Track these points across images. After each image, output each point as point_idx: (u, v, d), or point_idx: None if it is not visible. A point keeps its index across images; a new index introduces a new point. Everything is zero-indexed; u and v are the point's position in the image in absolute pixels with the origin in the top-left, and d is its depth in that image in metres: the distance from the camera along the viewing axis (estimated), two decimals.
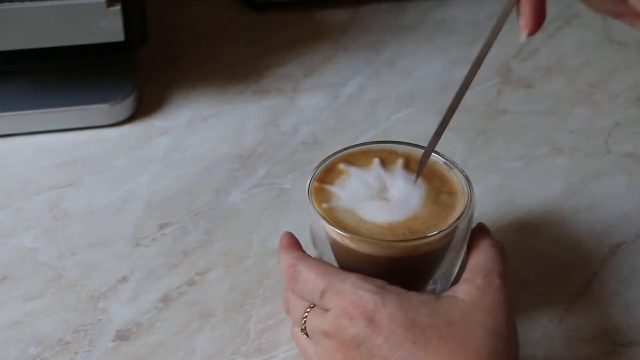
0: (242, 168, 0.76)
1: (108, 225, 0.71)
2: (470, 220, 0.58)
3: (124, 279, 0.67)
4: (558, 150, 0.79)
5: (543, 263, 0.68)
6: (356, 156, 0.61)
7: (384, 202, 0.58)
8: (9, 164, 0.76)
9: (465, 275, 0.56)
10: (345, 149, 0.62)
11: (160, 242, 0.70)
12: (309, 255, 0.58)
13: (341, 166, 0.60)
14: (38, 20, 0.72)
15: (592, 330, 0.63)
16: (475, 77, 0.59)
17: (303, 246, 0.60)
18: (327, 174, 0.60)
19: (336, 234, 0.56)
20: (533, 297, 0.66)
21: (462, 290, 0.55)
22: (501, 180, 0.76)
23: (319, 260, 0.58)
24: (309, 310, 0.57)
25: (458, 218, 0.57)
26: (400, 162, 0.61)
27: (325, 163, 0.61)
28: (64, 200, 0.73)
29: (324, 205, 0.58)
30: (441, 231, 0.56)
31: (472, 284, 0.55)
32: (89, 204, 0.73)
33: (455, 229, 0.57)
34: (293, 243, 0.60)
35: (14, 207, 0.72)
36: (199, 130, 0.80)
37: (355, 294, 0.54)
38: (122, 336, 0.63)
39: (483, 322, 0.53)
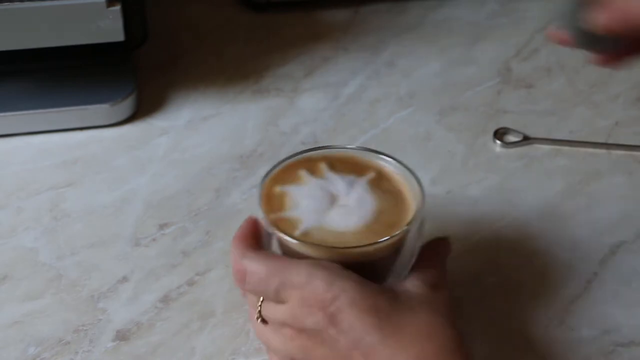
0: (242, 168, 0.76)
1: (108, 225, 0.71)
2: (421, 224, 0.58)
3: (124, 279, 0.67)
4: (558, 150, 0.79)
5: (543, 263, 0.68)
6: (303, 163, 0.60)
7: (336, 208, 0.57)
8: (9, 164, 0.76)
9: (414, 274, 0.56)
10: (291, 156, 0.61)
11: (160, 242, 0.70)
12: (255, 250, 0.56)
13: (296, 172, 0.60)
14: (38, 20, 0.72)
15: (592, 330, 0.63)
16: (476, 77, 0.59)
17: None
18: (281, 176, 0.59)
19: (286, 240, 0.56)
20: (533, 297, 0.66)
21: (414, 286, 0.55)
22: (501, 180, 0.76)
23: (265, 255, 0.56)
24: (262, 298, 0.56)
25: (409, 223, 0.56)
26: (349, 167, 0.60)
27: (277, 168, 0.59)
28: (64, 200, 0.73)
29: (276, 211, 0.57)
30: (392, 236, 0.55)
31: (422, 282, 0.55)
32: (89, 204, 0.73)
33: (407, 233, 0.56)
34: (245, 235, 0.57)
35: (14, 207, 0.72)
36: (199, 130, 0.80)
37: (311, 284, 0.52)
38: (122, 336, 0.63)
39: (440, 312, 0.53)
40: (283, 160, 0.60)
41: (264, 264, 0.55)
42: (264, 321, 0.56)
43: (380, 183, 0.60)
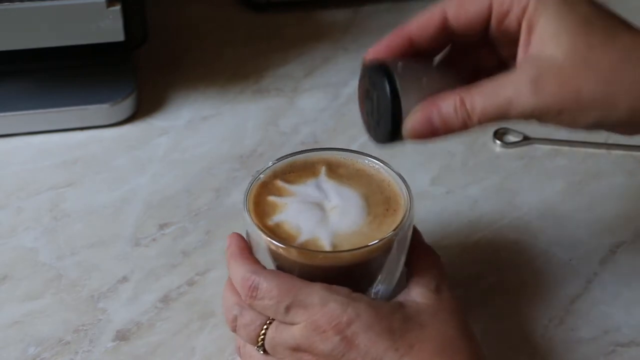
0: (242, 168, 0.76)
1: (108, 225, 0.71)
2: (409, 227, 0.58)
3: (124, 279, 0.67)
4: (558, 150, 0.79)
5: (543, 263, 0.68)
6: (265, 189, 0.59)
7: (331, 213, 0.57)
8: (9, 164, 0.76)
9: (416, 280, 0.56)
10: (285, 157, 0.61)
11: (160, 242, 0.70)
12: (263, 267, 0.56)
13: (279, 183, 0.59)
14: (38, 20, 0.72)
15: (592, 330, 0.63)
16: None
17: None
18: (261, 209, 0.58)
19: (274, 245, 0.55)
20: (533, 297, 0.66)
21: (419, 295, 0.55)
22: (501, 180, 0.76)
23: (277, 272, 0.55)
24: (266, 325, 0.55)
25: (397, 226, 0.56)
26: (300, 174, 0.60)
27: (248, 203, 0.58)
28: (64, 200, 0.73)
29: (290, 240, 0.56)
30: (381, 240, 0.55)
31: (426, 289, 0.56)
32: (89, 204, 0.73)
33: (395, 236, 0.56)
34: (243, 250, 0.57)
35: (14, 207, 0.72)
36: (199, 130, 0.80)
37: (325, 307, 0.52)
38: (122, 336, 0.63)
39: (450, 322, 0.54)
40: (248, 191, 0.59)
41: (277, 281, 0.54)
42: (265, 352, 0.55)
43: (337, 170, 0.60)
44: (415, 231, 0.60)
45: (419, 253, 0.59)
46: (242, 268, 0.55)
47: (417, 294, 0.55)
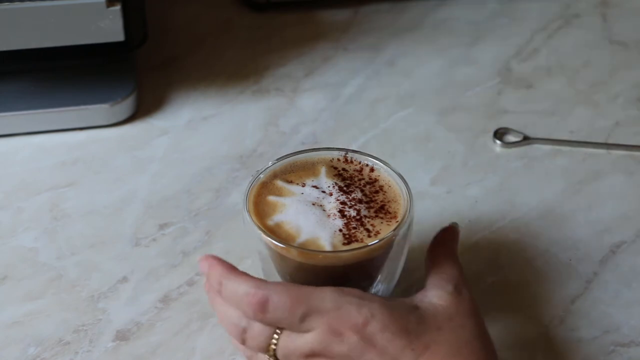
0: (242, 168, 0.76)
1: (108, 225, 0.71)
2: (409, 227, 0.58)
3: (124, 279, 0.67)
4: (558, 150, 0.79)
5: (543, 263, 0.68)
6: (265, 190, 0.59)
7: (325, 212, 0.57)
8: (9, 164, 0.76)
9: (434, 281, 0.57)
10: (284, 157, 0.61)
11: (160, 242, 0.70)
12: (264, 280, 0.55)
13: (279, 183, 0.60)
14: (38, 20, 0.72)
15: (592, 330, 0.63)
16: (476, 77, 0.59)
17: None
18: (262, 209, 0.58)
19: (274, 245, 0.56)
20: (533, 297, 0.66)
21: (437, 297, 0.56)
22: (501, 180, 0.76)
23: (284, 283, 0.55)
24: (276, 335, 0.54)
25: (397, 226, 0.56)
26: (300, 174, 0.60)
27: (249, 202, 0.58)
28: (64, 200, 0.73)
29: (290, 241, 0.56)
30: (381, 240, 0.55)
31: (444, 291, 0.56)
32: (89, 204, 0.73)
33: (395, 236, 0.57)
34: (231, 267, 0.55)
35: (14, 207, 0.72)
36: (199, 130, 0.80)
37: (340, 310, 0.53)
38: (122, 336, 0.63)
39: (466, 325, 0.54)
40: (248, 191, 0.59)
41: (287, 292, 0.53)
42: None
43: (337, 170, 0.60)
44: (448, 231, 0.60)
45: (439, 252, 0.59)
46: (243, 284, 0.54)
47: (434, 296, 0.56)
